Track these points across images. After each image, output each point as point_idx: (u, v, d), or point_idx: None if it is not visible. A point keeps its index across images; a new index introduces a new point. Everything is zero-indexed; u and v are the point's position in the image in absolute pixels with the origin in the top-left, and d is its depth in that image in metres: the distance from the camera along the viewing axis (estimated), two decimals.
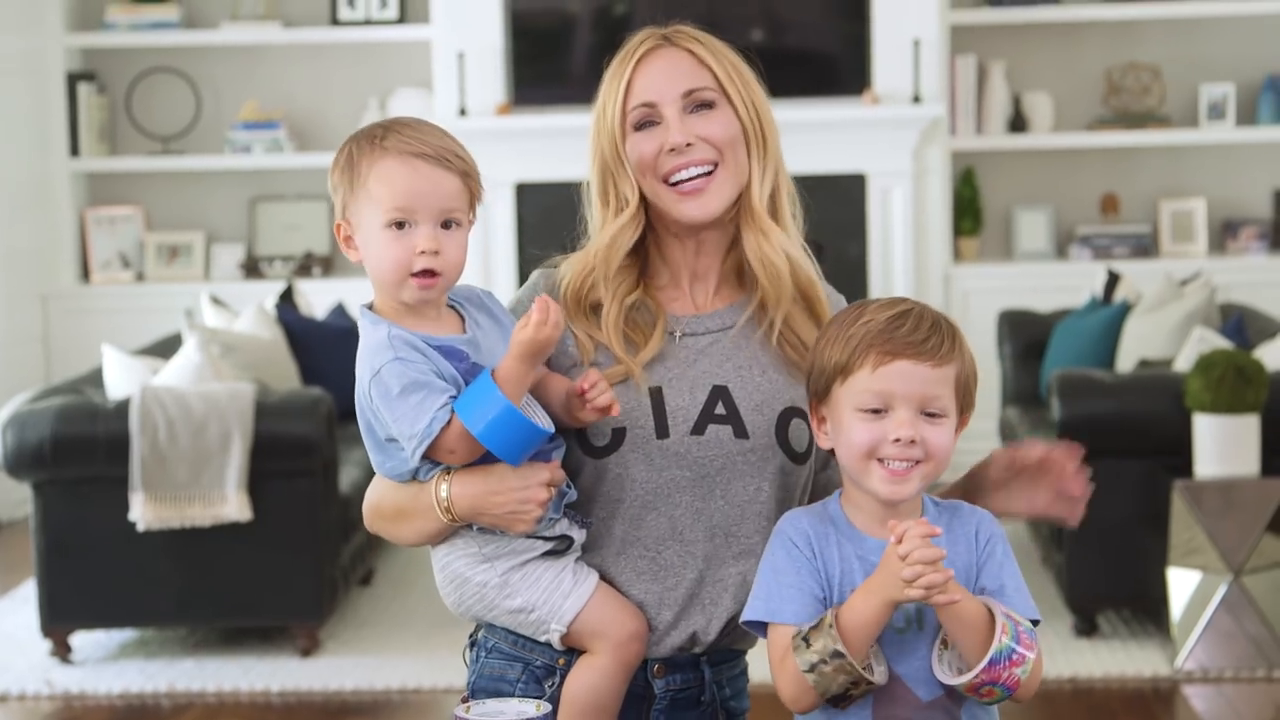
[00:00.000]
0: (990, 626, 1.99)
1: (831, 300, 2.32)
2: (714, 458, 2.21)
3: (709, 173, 2.23)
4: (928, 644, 2.04)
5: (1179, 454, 5.02)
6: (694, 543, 2.22)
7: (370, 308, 2.18)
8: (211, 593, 5.18)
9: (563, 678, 2.21)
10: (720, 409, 2.22)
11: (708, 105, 2.23)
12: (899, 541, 1.94)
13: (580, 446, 2.23)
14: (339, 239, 2.18)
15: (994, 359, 6.80)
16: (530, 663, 2.24)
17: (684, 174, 2.22)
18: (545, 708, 1.96)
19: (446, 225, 2.13)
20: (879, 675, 2.01)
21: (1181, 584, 4.97)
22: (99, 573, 5.13)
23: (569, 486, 2.21)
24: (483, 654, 2.29)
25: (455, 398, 2.09)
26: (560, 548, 2.21)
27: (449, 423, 2.08)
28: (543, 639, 2.22)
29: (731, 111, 2.24)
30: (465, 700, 2.08)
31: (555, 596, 2.19)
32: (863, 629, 1.98)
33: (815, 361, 2.10)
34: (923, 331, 2.03)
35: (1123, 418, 5.10)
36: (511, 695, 2.22)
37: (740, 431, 2.22)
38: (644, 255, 2.29)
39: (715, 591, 2.23)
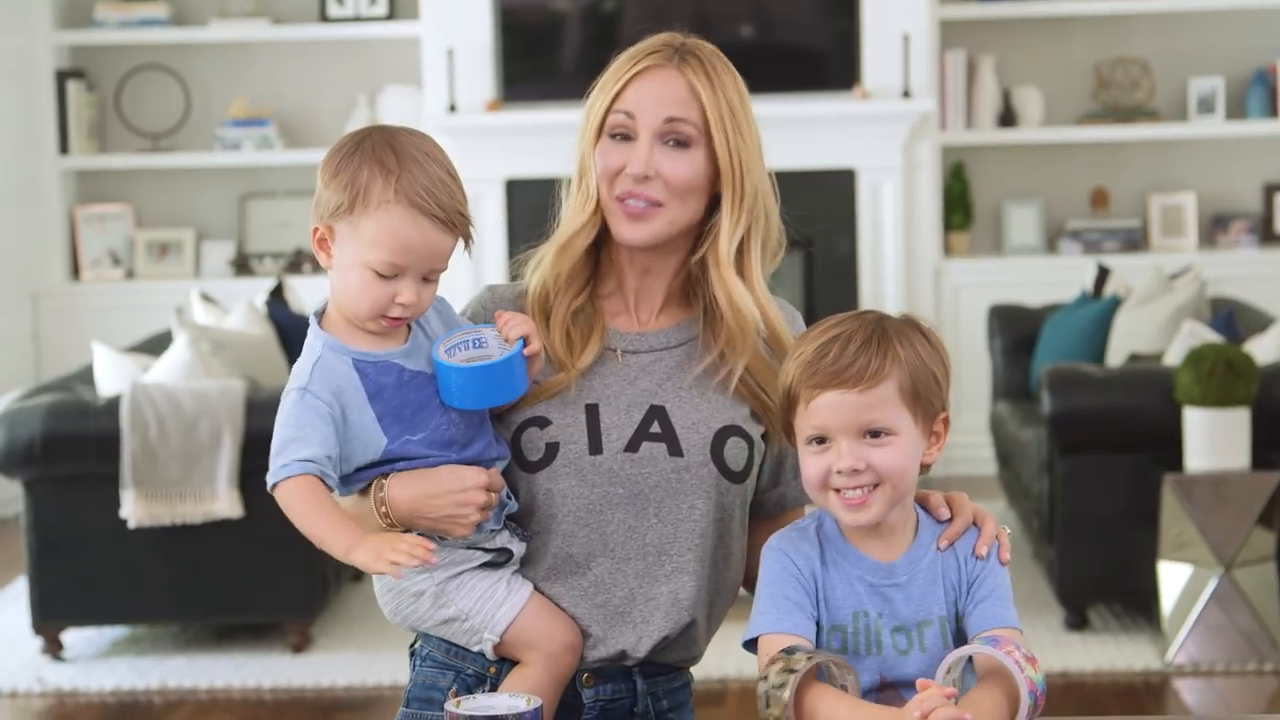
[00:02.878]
0: (1008, 692, 1.99)
1: (790, 320, 2.31)
2: (648, 475, 2.21)
3: (653, 206, 2.22)
4: (929, 666, 2.04)
5: (1169, 448, 5.03)
6: (626, 560, 2.22)
7: (321, 314, 2.17)
8: (203, 589, 5.18)
9: (494, 687, 2.20)
10: (655, 427, 2.22)
11: (683, 143, 2.21)
12: (924, 717, 1.91)
13: (515, 461, 2.23)
14: (312, 239, 2.15)
15: (984, 353, 6.80)
16: (462, 671, 2.24)
17: (632, 202, 2.22)
18: (536, 701, 1.96)
19: (426, 278, 2.13)
20: (851, 690, 2.00)
21: (1172, 578, 4.98)
22: (90, 570, 5.12)
23: (510, 498, 2.21)
24: (418, 663, 2.30)
25: (315, 465, 2.06)
26: (499, 560, 2.20)
27: (290, 479, 2.05)
28: (476, 649, 2.21)
29: (706, 154, 2.22)
30: (454, 694, 2.08)
31: (488, 606, 2.18)
32: None
33: (775, 399, 2.12)
34: (848, 357, 2.00)
35: (1113, 412, 5.10)
36: (442, 703, 2.21)
37: (675, 449, 2.21)
38: (595, 261, 2.29)
39: (646, 610, 2.22)
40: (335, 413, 2.09)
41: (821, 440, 2.02)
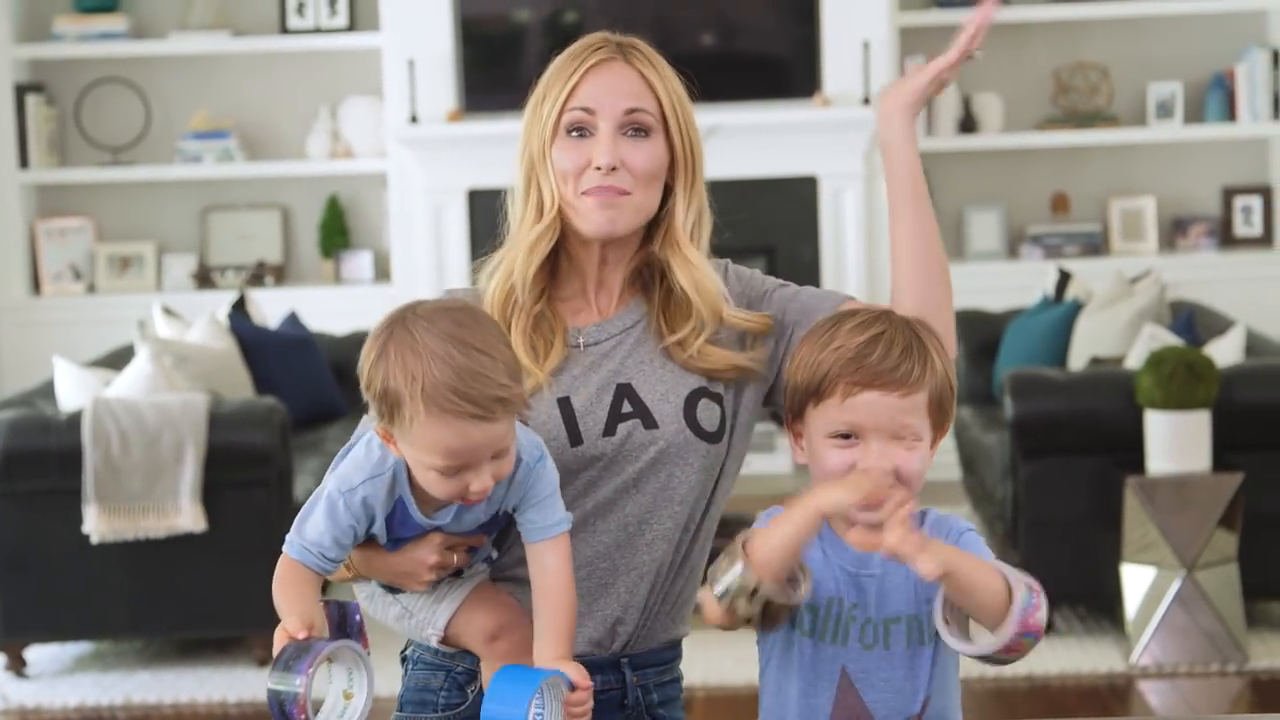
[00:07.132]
0: (997, 580, 1.96)
1: (743, 277, 2.34)
2: (629, 453, 2.23)
3: (621, 195, 2.24)
4: (898, 669, 2.04)
5: (1131, 451, 5.05)
6: (607, 533, 2.24)
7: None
8: (167, 604, 5.16)
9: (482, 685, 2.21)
10: (627, 406, 2.24)
11: (643, 132, 2.25)
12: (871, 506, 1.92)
13: None
14: (379, 434, 2.06)
15: None
16: (452, 670, 2.26)
17: (600, 194, 2.23)
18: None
19: (497, 455, 2.03)
20: (798, 596, 2.00)
21: (1135, 580, 5.00)
22: (53, 586, 5.10)
23: (495, 553, 2.22)
24: (410, 666, 2.32)
25: (313, 558, 2.08)
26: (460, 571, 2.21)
27: (286, 556, 2.09)
28: (432, 643, 2.23)
29: (664, 142, 2.26)
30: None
31: (430, 600, 2.20)
32: (782, 546, 1.96)
33: (790, 381, 2.11)
34: (892, 359, 2.03)
35: (1075, 415, 5.12)
36: (435, 704, 2.25)
37: (649, 423, 2.24)
38: (553, 263, 2.30)
39: (630, 580, 2.24)
40: (360, 527, 2.10)
41: (847, 436, 2.04)
